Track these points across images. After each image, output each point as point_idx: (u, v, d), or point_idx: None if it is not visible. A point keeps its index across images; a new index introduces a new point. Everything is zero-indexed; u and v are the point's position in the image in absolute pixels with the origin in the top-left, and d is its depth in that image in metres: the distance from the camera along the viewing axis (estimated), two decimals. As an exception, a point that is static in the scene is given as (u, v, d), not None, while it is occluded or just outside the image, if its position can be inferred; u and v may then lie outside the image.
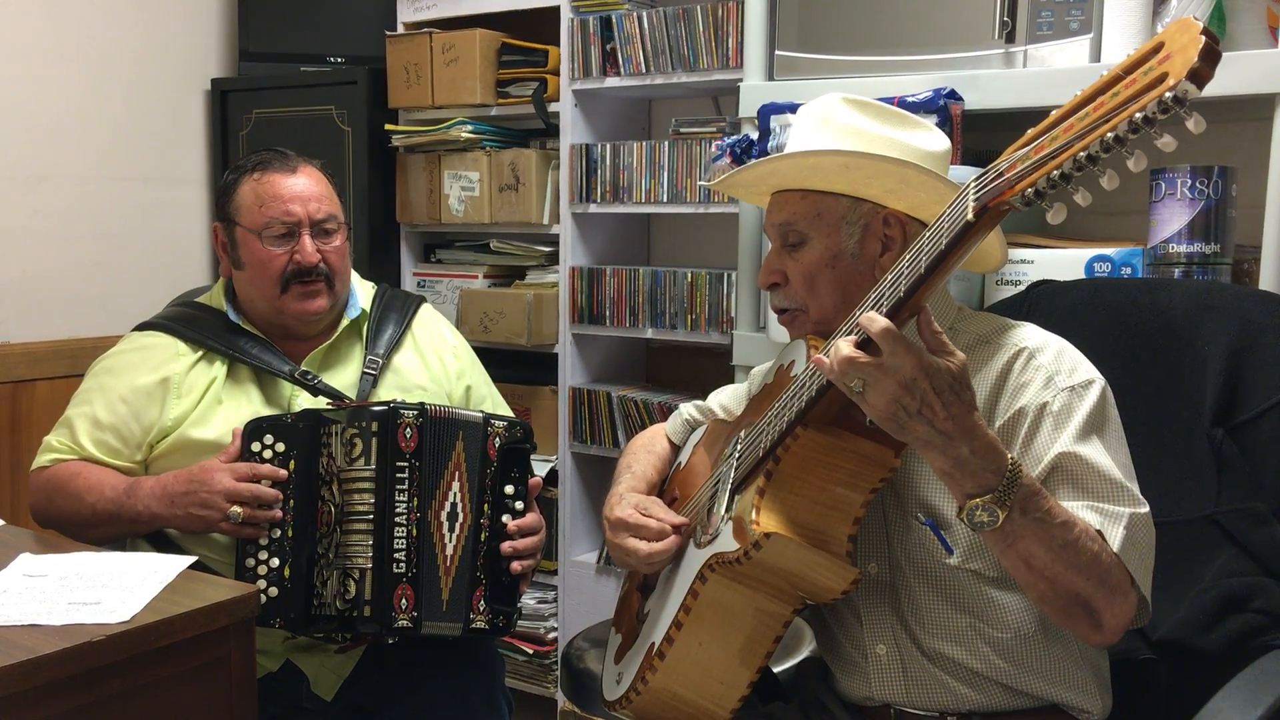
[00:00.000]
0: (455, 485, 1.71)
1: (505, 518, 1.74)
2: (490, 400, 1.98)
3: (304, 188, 1.80)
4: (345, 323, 1.87)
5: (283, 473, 1.66)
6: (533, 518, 1.77)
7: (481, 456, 1.73)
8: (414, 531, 1.64)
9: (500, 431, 1.76)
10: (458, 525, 1.71)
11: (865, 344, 1.13)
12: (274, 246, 1.78)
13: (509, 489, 1.75)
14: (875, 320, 1.12)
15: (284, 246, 1.78)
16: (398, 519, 1.64)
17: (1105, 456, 1.26)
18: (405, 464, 1.66)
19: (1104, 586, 1.19)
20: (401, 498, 1.65)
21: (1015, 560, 1.19)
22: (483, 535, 1.72)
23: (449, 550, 1.69)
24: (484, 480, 1.73)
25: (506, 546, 1.72)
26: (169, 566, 1.47)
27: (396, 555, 1.63)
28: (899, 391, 1.11)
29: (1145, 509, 1.25)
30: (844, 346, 1.13)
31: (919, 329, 1.15)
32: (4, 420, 2.82)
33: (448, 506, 1.70)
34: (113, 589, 1.38)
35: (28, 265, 2.97)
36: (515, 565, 1.72)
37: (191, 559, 1.51)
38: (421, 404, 1.70)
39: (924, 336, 1.14)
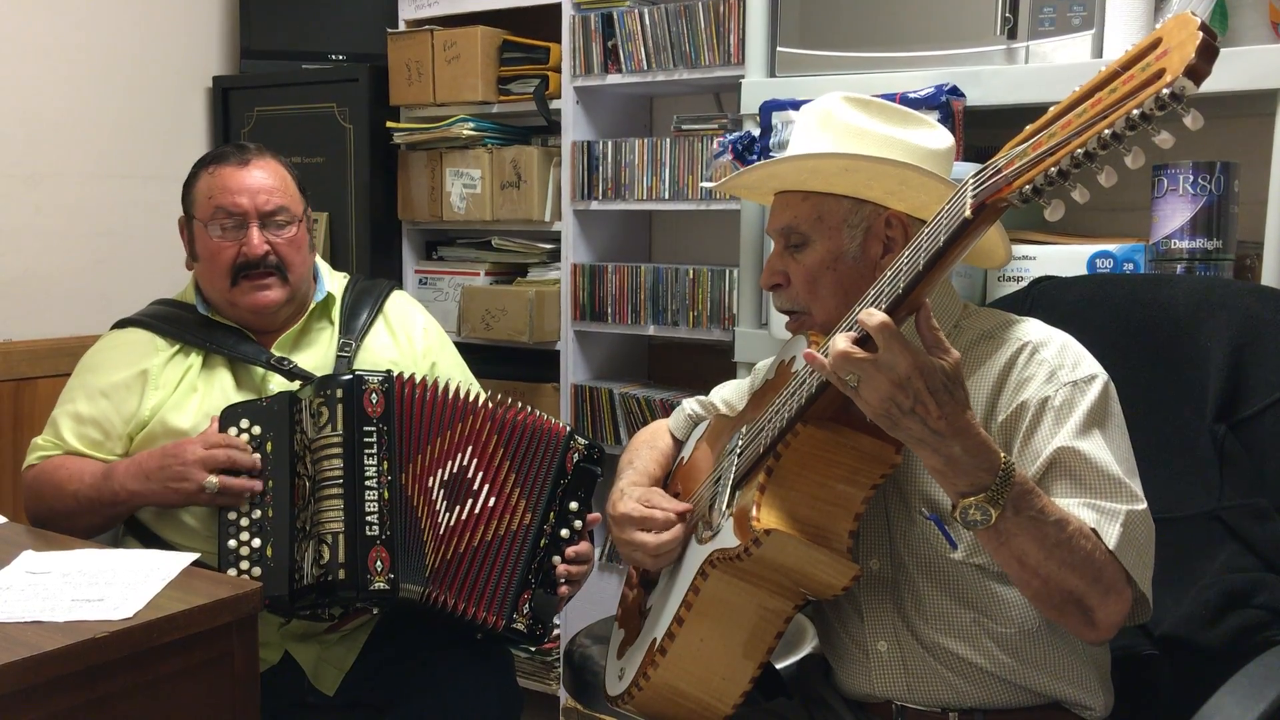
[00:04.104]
0: (467, 462, 1.72)
1: (564, 532, 1.76)
2: (460, 381, 1.98)
3: (254, 180, 1.82)
4: (313, 305, 1.89)
5: (256, 456, 1.67)
6: (587, 546, 1.79)
7: (559, 467, 1.77)
8: (386, 494, 1.65)
9: (580, 448, 1.79)
10: (475, 502, 1.72)
11: (863, 340, 1.14)
12: (221, 238, 1.80)
13: (573, 505, 1.78)
14: (873, 315, 1.12)
15: (232, 238, 1.80)
16: (368, 482, 1.65)
17: (1105, 452, 1.26)
18: (372, 428, 1.67)
19: (1097, 585, 1.20)
20: (370, 461, 1.66)
21: (1009, 558, 1.20)
22: (542, 541, 1.74)
23: (443, 518, 1.70)
24: (555, 490, 1.76)
25: (561, 569, 1.74)
26: (171, 563, 1.47)
27: (369, 518, 1.63)
28: (892, 389, 1.12)
29: (1143, 506, 1.25)
30: (840, 342, 1.14)
31: (917, 325, 1.15)
32: (6, 418, 2.82)
33: (440, 475, 1.71)
34: (115, 585, 1.39)
35: (30, 263, 2.98)
36: (563, 589, 1.75)
37: (194, 555, 1.52)
38: (388, 371, 1.72)
39: (921, 333, 1.15)
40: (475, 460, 1.74)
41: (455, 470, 1.73)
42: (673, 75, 2.67)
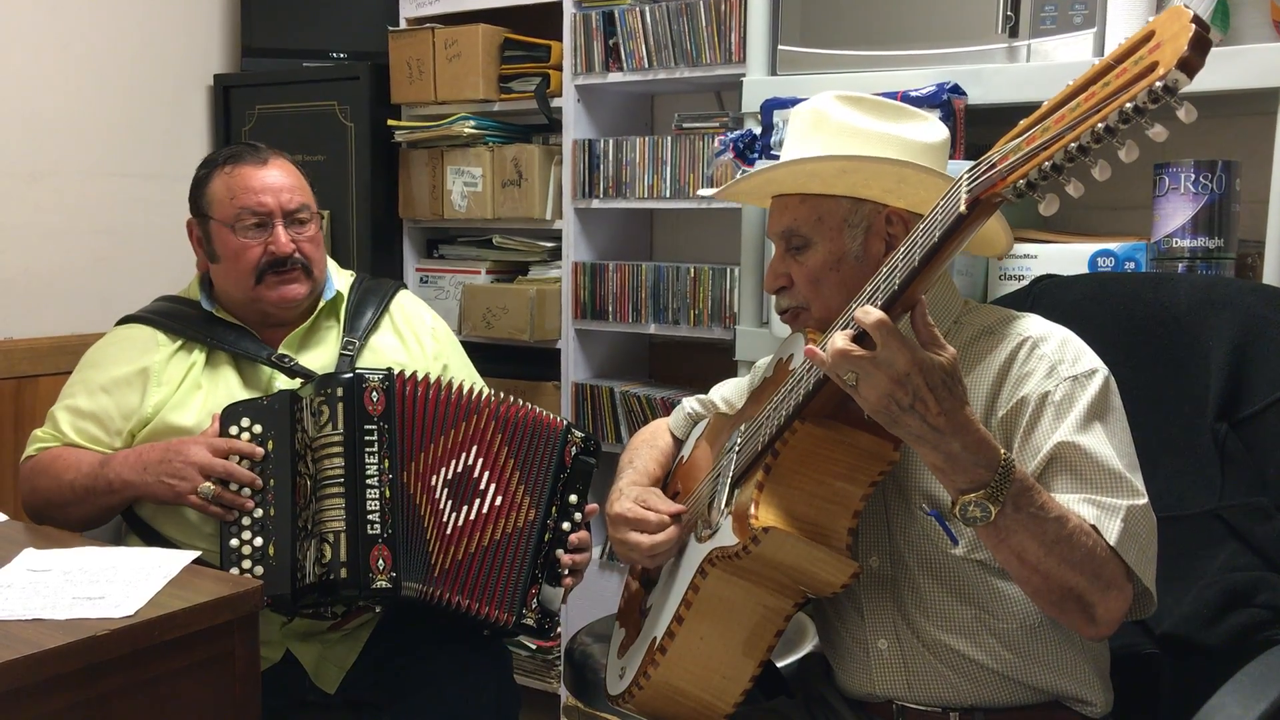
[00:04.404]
0: (472, 461, 1.72)
1: (566, 525, 1.77)
2: (470, 382, 1.98)
3: (275, 179, 1.82)
4: (322, 305, 1.89)
5: (259, 450, 1.68)
6: (586, 536, 1.80)
7: (558, 462, 1.77)
8: (387, 493, 1.65)
9: (577, 441, 1.79)
10: (482, 502, 1.72)
11: (860, 337, 1.13)
12: (247, 237, 1.80)
13: (573, 498, 1.78)
14: (870, 313, 1.12)
15: (258, 237, 1.80)
16: (369, 480, 1.65)
17: (1106, 446, 1.26)
18: (373, 427, 1.67)
19: (1098, 581, 1.20)
20: (371, 460, 1.66)
21: (1008, 555, 1.20)
22: (546, 536, 1.75)
23: (449, 518, 1.70)
24: (556, 484, 1.77)
25: (566, 559, 1.75)
26: (172, 561, 1.47)
27: (370, 516, 1.63)
28: (891, 386, 1.11)
29: (1144, 500, 1.25)
30: (839, 339, 1.14)
31: (913, 321, 1.15)
32: (7, 416, 2.82)
33: (444, 473, 1.71)
34: (116, 584, 1.39)
35: (30, 261, 2.98)
36: (568, 580, 1.76)
37: (195, 553, 1.52)
38: (388, 369, 1.72)
39: (917, 329, 1.15)
40: (481, 460, 1.74)
41: (460, 469, 1.72)
42: (674, 74, 2.67)
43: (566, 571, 1.75)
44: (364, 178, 3.10)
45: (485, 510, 1.72)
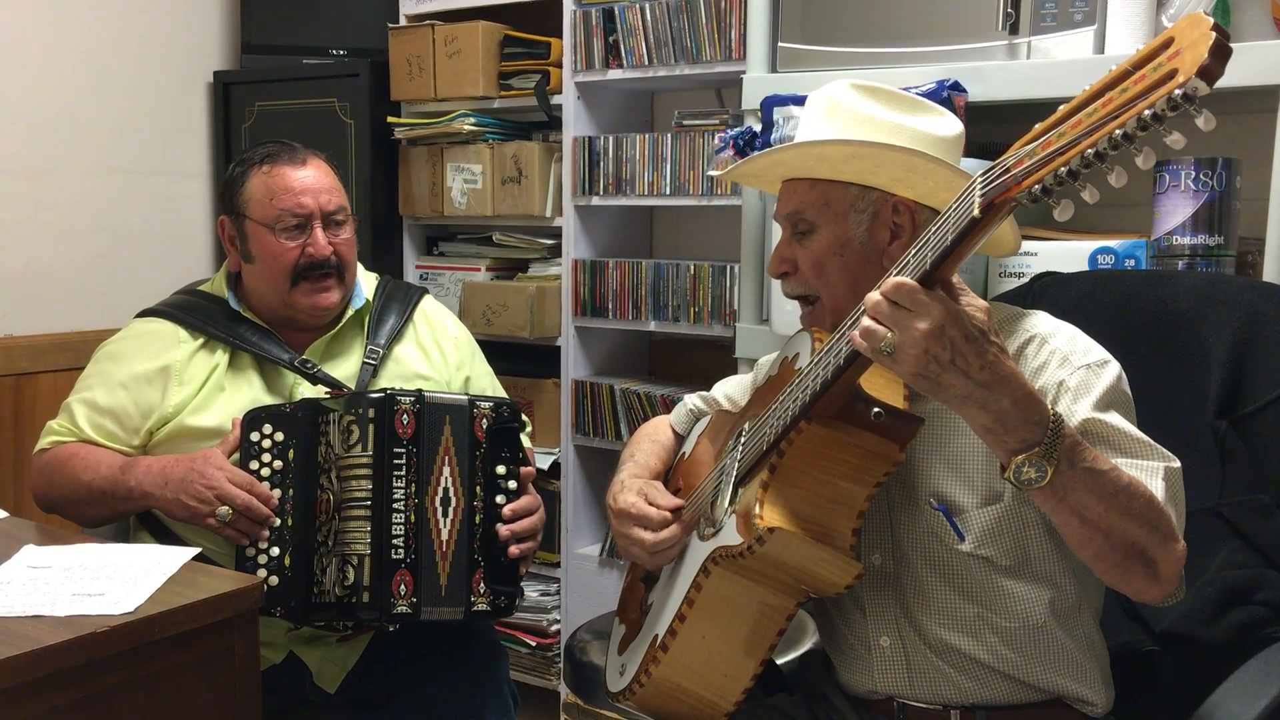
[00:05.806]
0: (446, 470, 1.71)
1: (499, 498, 1.74)
2: (490, 390, 1.98)
3: (314, 180, 1.80)
4: (350, 313, 1.88)
5: (274, 498, 1.66)
6: (527, 499, 1.76)
7: (470, 439, 1.73)
8: (412, 518, 1.65)
9: (487, 413, 1.75)
10: (451, 510, 1.70)
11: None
12: (286, 240, 1.78)
13: (500, 469, 1.75)
14: (888, 281, 1.11)
15: (296, 239, 1.78)
16: (395, 505, 1.64)
17: (1127, 425, 1.26)
18: (402, 450, 1.66)
19: (1157, 533, 1.17)
20: (399, 484, 1.65)
21: (1068, 516, 1.16)
22: (477, 518, 1.72)
23: (444, 535, 1.69)
24: (474, 463, 1.73)
25: (504, 530, 1.72)
26: (173, 558, 1.47)
27: (395, 541, 1.63)
28: (928, 341, 1.09)
29: (1177, 463, 1.24)
30: (875, 293, 1.12)
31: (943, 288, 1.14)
32: (7, 413, 2.82)
33: (440, 492, 1.70)
34: (117, 580, 1.39)
35: (30, 258, 2.98)
36: (513, 550, 1.72)
37: (195, 550, 1.51)
38: (419, 391, 1.70)
39: (946, 291, 1.13)
40: (449, 468, 1.71)
41: (446, 484, 1.71)
42: (674, 71, 2.67)
43: (512, 541, 1.71)
44: (364, 175, 3.10)
45: (452, 517, 1.71)
